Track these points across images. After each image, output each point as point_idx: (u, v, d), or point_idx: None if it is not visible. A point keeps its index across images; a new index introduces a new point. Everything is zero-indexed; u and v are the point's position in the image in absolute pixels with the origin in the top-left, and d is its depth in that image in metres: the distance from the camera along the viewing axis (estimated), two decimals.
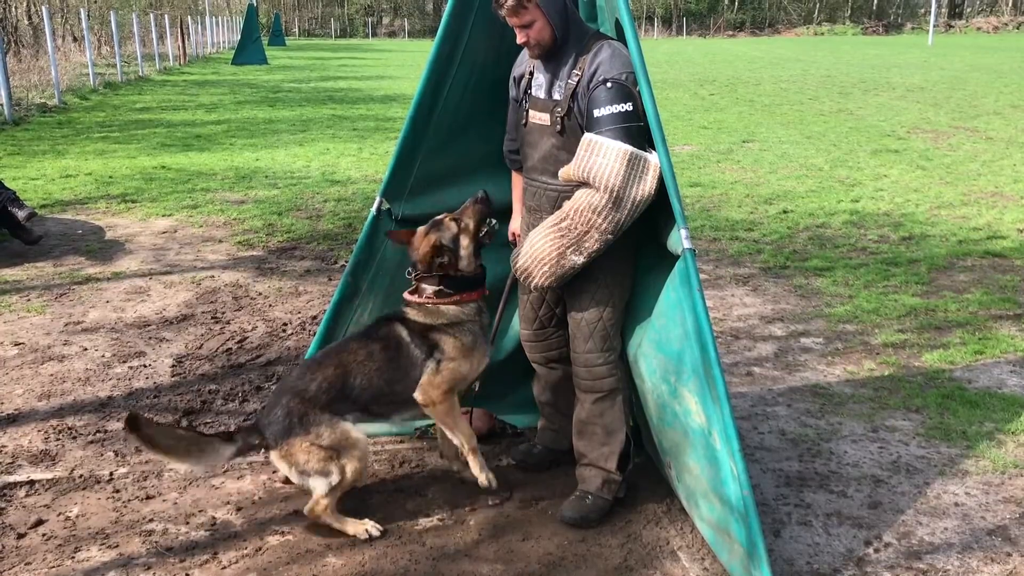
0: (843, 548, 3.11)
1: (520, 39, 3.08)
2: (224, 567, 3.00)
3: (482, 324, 3.33)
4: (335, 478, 3.12)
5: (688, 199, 8.89)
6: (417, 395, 3.24)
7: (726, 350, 4.95)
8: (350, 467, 3.14)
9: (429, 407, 3.25)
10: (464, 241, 3.25)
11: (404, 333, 3.25)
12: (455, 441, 3.32)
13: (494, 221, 3.32)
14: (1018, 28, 69.25)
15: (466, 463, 3.35)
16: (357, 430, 3.18)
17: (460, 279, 3.27)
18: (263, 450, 3.23)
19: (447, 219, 3.28)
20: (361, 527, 3.17)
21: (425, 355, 3.22)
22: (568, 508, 3.28)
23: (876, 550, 3.10)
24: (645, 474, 3.50)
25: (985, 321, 5.41)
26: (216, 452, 3.11)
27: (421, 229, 3.31)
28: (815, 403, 4.29)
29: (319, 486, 3.14)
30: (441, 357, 3.22)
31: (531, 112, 3.22)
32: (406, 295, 3.34)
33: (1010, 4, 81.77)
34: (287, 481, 3.38)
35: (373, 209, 3.60)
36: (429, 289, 3.26)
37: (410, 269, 3.31)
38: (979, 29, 70.13)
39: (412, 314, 3.28)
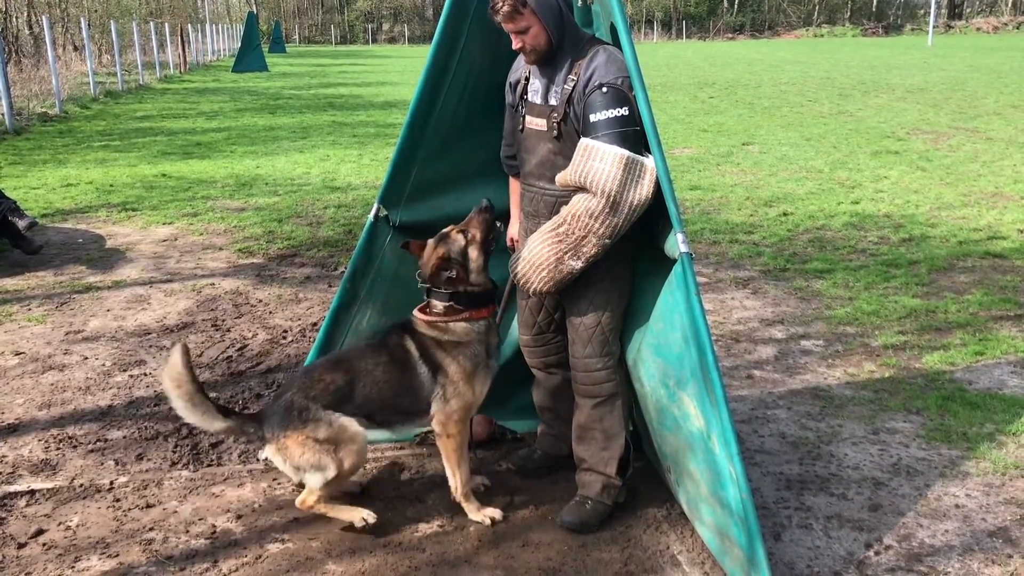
0: (843, 551, 3.10)
1: (516, 45, 3.08)
2: (224, 575, 3.00)
3: (488, 344, 3.29)
4: (331, 472, 3.11)
5: (688, 202, 8.89)
6: (435, 426, 3.26)
7: (726, 353, 4.95)
8: (348, 461, 3.13)
9: (442, 438, 3.27)
10: (473, 253, 3.22)
11: (413, 347, 3.24)
12: (451, 481, 3.32)
13: (500, 225, 3.32)
14: (1018, 28, 69.23)
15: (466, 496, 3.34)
16: (356, 424, 3.16)
17: (470, 295, 3.25)
18: (257, 442, 3.23)
19: (454, 231, 3.26)
20: (357, 514, 3.19)
21: (431, 374, 3.22)
22: (568, 513, 3.28)
23: (877, 553, 3.10)
24: (645, 479, 3.50)
25: (986, 322, 5.40)
26: (210, 416, 3.08)
27: (430, 242, 3.28)
28: (815, 406, 4.28)
29: (314, 480, 3.13)
30: (445, 381, 3.21)
31: (527, 117, 3.22)
32: (416, 312, 3.31)
33: (1010, 4, 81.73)
34: (301, 485, 3.32)
35: (371, 215, 3.61)
36: (440, 305, 3.24)
37: (421, 285, 3.28)
38: (979, 29, 70.10)
39: (422, 328, 3.27)
